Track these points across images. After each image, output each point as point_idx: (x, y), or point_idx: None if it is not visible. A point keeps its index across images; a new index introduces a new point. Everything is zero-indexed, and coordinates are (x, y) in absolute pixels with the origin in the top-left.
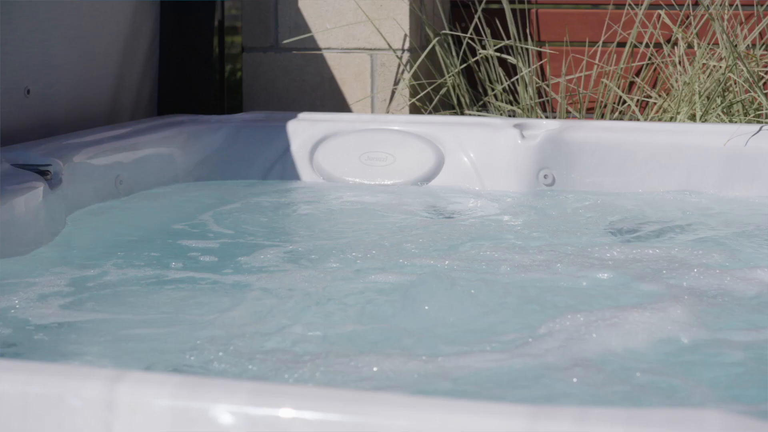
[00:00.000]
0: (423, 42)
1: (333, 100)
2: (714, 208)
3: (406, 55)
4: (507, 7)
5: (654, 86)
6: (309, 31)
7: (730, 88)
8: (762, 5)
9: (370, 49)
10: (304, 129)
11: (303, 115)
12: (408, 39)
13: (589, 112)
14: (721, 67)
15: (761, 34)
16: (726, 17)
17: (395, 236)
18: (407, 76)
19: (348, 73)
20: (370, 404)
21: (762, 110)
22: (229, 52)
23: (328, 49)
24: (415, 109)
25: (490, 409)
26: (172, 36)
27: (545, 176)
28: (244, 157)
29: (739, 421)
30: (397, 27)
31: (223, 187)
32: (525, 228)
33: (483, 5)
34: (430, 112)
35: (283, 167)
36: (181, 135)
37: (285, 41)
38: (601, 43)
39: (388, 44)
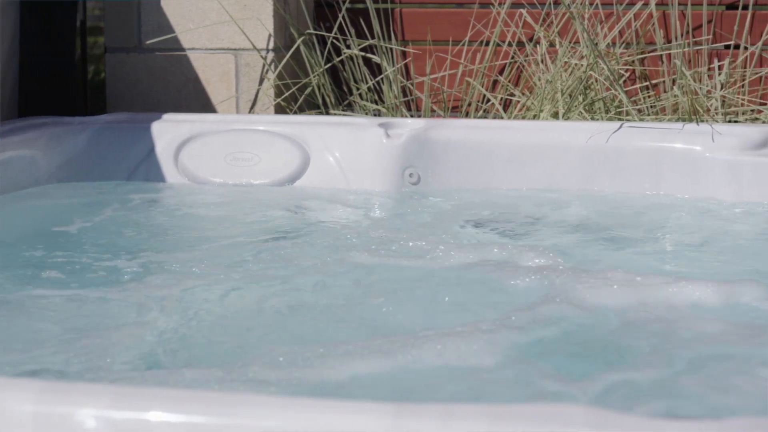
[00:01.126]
0: (287, 42)
1: (198, 101)
2: (575, 206)
3: (270, 55)
4: (371, 7)
5: (517, 84)
6: (172, 31)
7: (592, 86)
8: (621, 4)
9: (235, 49)
10: (168, 130)
11: (167, 116)
12: (272, 39)
13: (454, 111)
14: (582, 65)
15: (621, 33)
16: (587, 16)
17: (259, 237)
18: (272, 76)
19: (212, 73)
20: (235, 405)
21: (622, 107)
22: (92, 52)
23: (192, 49)
24: (280, 109)
25: (356, 408)
26: (34, 37)
27: (410, 175)
28: (108, 159)
29: (602, 414)
30: (262, 27)
31: (86, 189)
32: (389, 227)
33: (347, 5)
34: (295, 112)
35: (147, 169)
36: (44, 137)
37: (148, 42)
38: (465, 42)
39: (253, 44)
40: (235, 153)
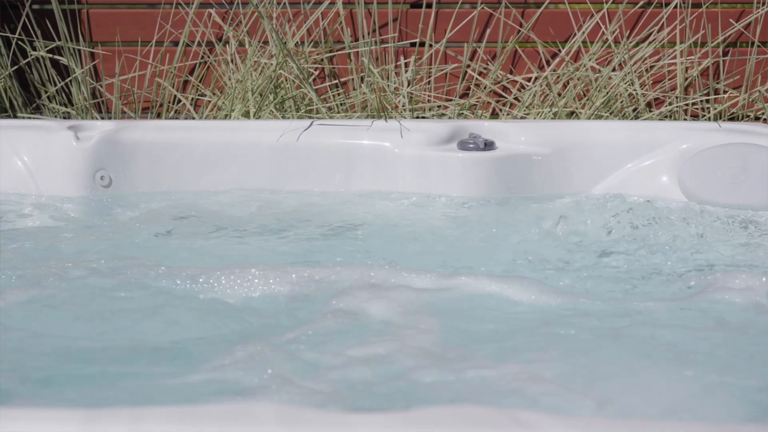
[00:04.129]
0: None
1: None
2: (267, 204)
3: None
4: (56, 8)
5: (208, 84)
6: None
7: (282, 85)
8: (308, 3)
9: None
10: None
11: None
12: None
13: (145, 112)
14: (272, 64)
15: (309, 32)
16: (275, 15)
17: None
18: None
19: None
20: None
21: (312, 105)
22: None
23: None
24: None
25: (42, 416)
26: None
27: (102, 177)
28: None
29: (292, 411)
30: None
31: None
32: (81, 232)
33: (32, 5)
34: None
35: None
36: None
37: None
38: (154, 42)
39: None
40: None
